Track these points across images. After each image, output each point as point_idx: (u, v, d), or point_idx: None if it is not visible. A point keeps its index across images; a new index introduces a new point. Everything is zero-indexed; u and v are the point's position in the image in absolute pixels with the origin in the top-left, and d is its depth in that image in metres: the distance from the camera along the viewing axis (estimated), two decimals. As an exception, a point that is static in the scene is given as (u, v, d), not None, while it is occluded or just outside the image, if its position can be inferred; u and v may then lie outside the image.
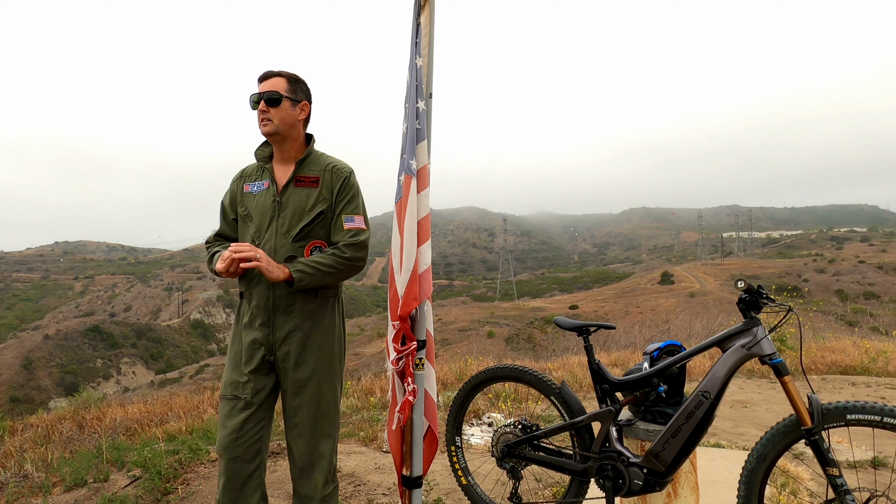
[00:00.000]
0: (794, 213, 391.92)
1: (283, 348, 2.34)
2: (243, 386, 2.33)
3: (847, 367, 8.60)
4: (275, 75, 2.39)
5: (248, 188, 2.44)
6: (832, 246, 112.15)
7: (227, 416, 2.32)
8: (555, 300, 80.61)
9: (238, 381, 2.34)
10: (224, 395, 2.37)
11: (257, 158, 2.47)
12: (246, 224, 2.42)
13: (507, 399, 5.74)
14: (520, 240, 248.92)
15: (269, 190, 2.39)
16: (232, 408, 2.32)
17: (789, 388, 2.09)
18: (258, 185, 2.42)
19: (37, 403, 38.19)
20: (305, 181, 2.38)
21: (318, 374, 2.37)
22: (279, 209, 2.36)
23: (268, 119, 2.33)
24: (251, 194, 2.42)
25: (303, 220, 2.34)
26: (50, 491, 3.67)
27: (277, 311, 2.33)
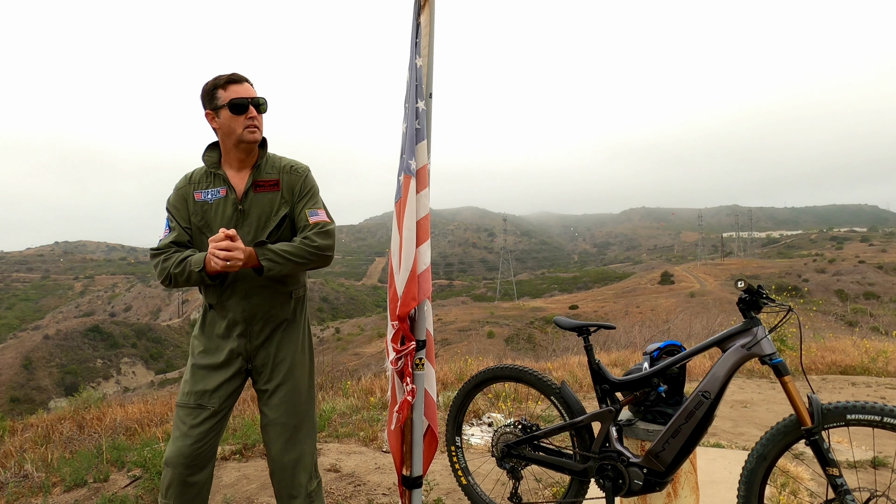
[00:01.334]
0: (794, 213, 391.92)
1: (262, 355, 2.32)
2: (210, 395, 2.27)
3: (847, 367, 8.60)
4: (246, 80, 2.27)
5: (199, 196, 2.28)
6: (832, 246, 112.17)
7: (191, 426, 2.23)
8: (555, 300, 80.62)
9: (206, 391, 2.27)
10: (186, 404, 2.27)
11: (207, 164, 2.32)
12: (204, 234, 2.27)
13: (507, 399, 5.74)
14: (520, 240, 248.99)
15: (228, 197, 2.27)
16: (195, 416, 2.25)
17: (789, 388, 2.09)
18: (213, 193, 2.27)
19: (37, 403, 38.20)
20: (265, 185, 2.29)
21: (295, 374, 2.36)
22: (242, 217, 2.26)
23: (256, 126, 2.24)
24: (206, 202, 2.27)
25: (269, 225, 2.28)
26: (50, 491, 3.67)
27: (254, 321, 2.29)
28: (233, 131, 2.21)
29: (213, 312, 2.32)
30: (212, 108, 2.23)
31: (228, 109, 2.20)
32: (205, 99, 2.25)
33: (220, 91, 2.22)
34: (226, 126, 2.22)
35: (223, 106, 2.20)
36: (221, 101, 2.21)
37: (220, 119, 2.23)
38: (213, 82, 2.24)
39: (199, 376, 2.29)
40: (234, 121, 2.20)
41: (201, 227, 2.28)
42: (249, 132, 2.22)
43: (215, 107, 2.22)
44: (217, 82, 2.23)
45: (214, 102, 2.22)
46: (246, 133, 2.22)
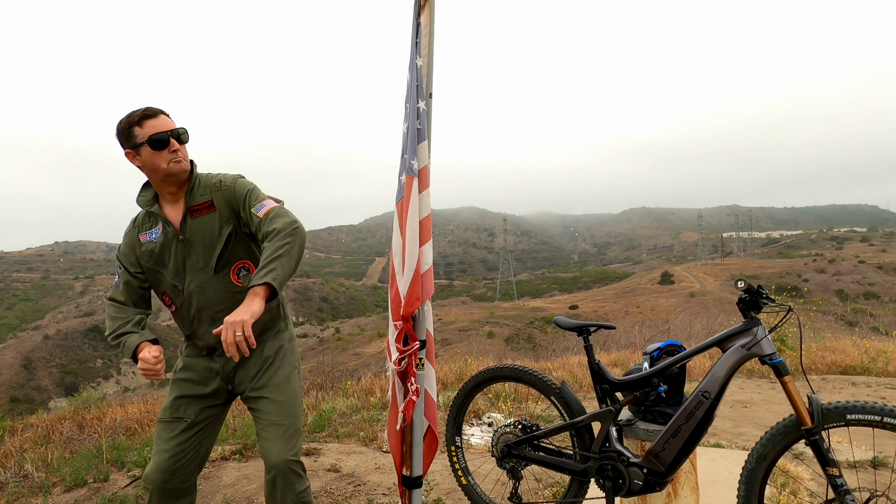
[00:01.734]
0: (793, 213, 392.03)
1: (240, 374, 2.29)
2: (186, 407, 2.26)
3: (847, 367, 8.60)
4: (161, 112, 2.19)
5: (144, 238, 2.25)
6: (832, 246, 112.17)
7: (168, 439, 2.22)
8: (555, 300, 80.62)
9: (181, 404, 2.27)
10: (163, 419, 2.27)
11: (142, 205, 2.26)
12: (157, 274, 2.26)
13: (507, 399, 5.74)
14: (520, 240, 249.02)
15: (167, 231, 2.23)
16: (172, 430, 2.23)
17: (789, 388, 2.09)
18: (154, 233, 2.24)
19: (37, 403, 38.21)
20: (201, 208, 2.22)
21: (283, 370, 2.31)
22: (187, 247, 2.22)
23: (180, 157, 2.17)
24: (149, 243, 2.24)
25: (216, 248, 2.21)
26: (50, 491, 3.67)
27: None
28: (157, 167, 2.15)
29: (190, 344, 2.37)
30: (130, 146, 2.14)
31: (149, 146, 2.12)
32: (122, 138, 2.16)
33: (136, 129, 2.12)
34: (149, 163, 2.15)
35: (142, 143, 2.13)
36: (140, 138, 2.12)
37: (141, 157, 2.15)
38: (128, 120, 2.14)
39: (177, 389, 2.30)
40: (157, 156, 2.13)
41: (150, 269, 2.28)
42: (175, 164, 2.15)
43: (134, 145, 2.13)
44: (131, 120, 2.13)
45: (133, 141, 2.13)
46: (172, 166, 2.15)
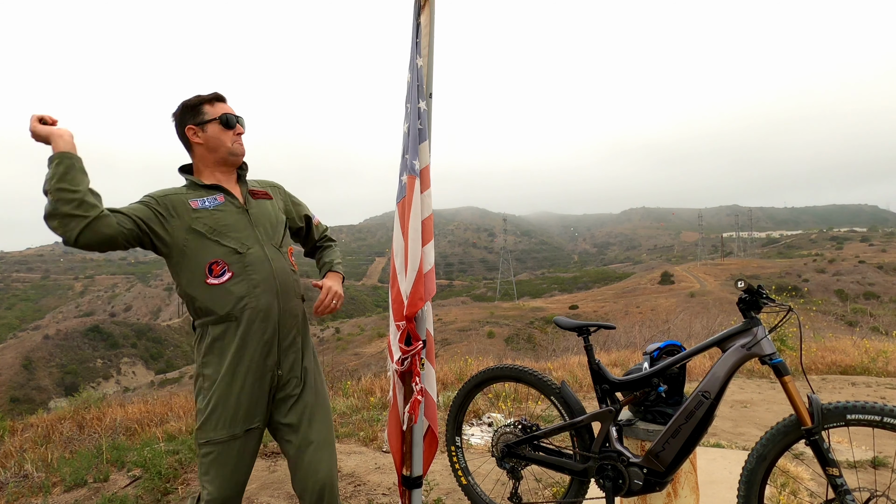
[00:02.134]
0: (793, 213, 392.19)
1: (290, 356, 2.24)
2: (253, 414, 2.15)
3: (847, 367, 8.60)
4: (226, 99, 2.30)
5: (196, 204, 2.17)
6: (832, 246, 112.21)
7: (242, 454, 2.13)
8: (555, 300, 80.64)
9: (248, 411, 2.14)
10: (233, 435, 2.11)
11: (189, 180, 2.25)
12: (207, 243, 2.14)
13: (507, 399, 5.74)
14: (520, 240, 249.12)
15: (229, 202, 2.22)
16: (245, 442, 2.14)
17: (789, 388, 2.09)
18: (211, 200, 2.20)
19: (37, 403, 38.20)
20: (259, 194, 2.35)
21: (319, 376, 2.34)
22: (253, 219, 2.25)
23: (242, 141, 2.29)
24: (204, 210, 2.17)
25: (278, 229, 2.32)
26: (50, 491, 3.67)
27: (284, 319, 2.21)
28: (221, 144, 2.21)
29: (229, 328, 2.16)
30: (196, 122, 2.20)
31: (220, 124, 2.20)
32: (187, 114, 2.21)
33: (206, 106, 2.22)
34: (214, 140, 2.20)
35: (212, 120, 2.20)
36: (209, 115, 2.20)
37: (206, 133, 2.20)
38: (199, 98, 2.24)
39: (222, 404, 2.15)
40: (224, 135, 2.22)
41: (207, 231, 2.16)
42: (238, 145, 2.26)
43: (201, 121, 2.20)
44: (202, 98, 2.23)
45: (200, 117, 2.20)
46: (236, 146, 2.25)
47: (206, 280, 2.11)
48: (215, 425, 2.11)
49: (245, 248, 2.17)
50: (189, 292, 2.13)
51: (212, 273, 2.12)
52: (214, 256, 2.13)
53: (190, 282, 2.12)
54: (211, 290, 2.11)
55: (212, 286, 2.12)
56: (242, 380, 2.13)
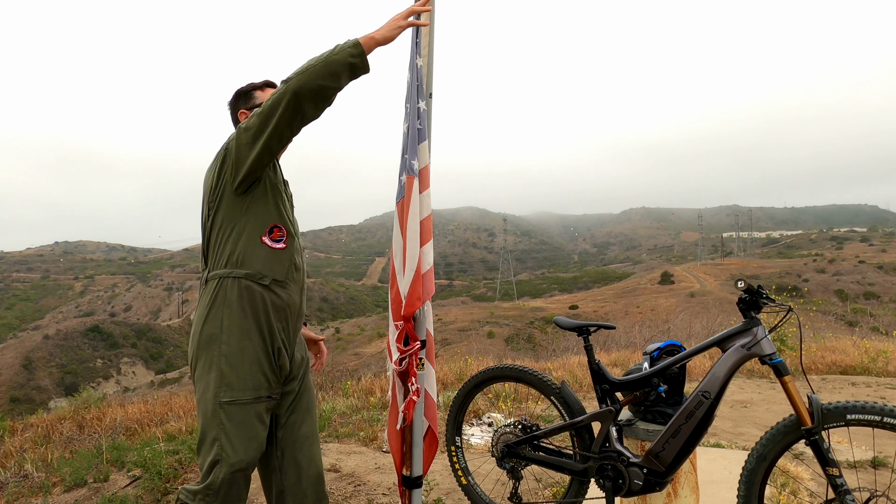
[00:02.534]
0: (793, 213, 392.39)
1: (298, 354, 2.28)
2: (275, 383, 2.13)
3: (847, 367, 8.60)
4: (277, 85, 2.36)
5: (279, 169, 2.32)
6: (832, 246, 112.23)
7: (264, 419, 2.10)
8: (555, 300, 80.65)
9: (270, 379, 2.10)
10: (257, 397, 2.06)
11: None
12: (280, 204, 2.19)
13: (507, 399, 5.75)
14: (520, 240, 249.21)
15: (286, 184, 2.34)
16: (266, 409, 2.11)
17: (789, 388, 2.09)
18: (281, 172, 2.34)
19: (37, 403, 38.20)
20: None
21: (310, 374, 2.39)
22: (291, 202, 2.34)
23: None
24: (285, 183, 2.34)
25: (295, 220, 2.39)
26: (50, 491, 3.67)
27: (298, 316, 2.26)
28: None
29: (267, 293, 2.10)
30: (248, 107, 2.32)
31: None
32: (241, 99, 2.33)
33: (257, 92, 2.32)
34: None
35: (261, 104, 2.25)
36: (260, 100, 2.29)
37: None
38: (251, 85, 2.34)
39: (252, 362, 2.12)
40: None
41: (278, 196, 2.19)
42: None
43: (253, 105, 2.30)
44: (254, 85, 2.34)
45: (252, 102, 2.31)
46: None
47: (261, 237, 2.11)
48: (238, 385, 2.03)
49: (295, 233, 2.25)
50: (238, 242, 2.09)
51: (271, 234, 2.12)
52: (280, 221, 2.16)
53: (247, 230, 2.09)
54: (263, 249, 2.10)
55: (265, 246, 2.11)
56: (269, 346, 2.10)
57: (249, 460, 2.04)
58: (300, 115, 2.00)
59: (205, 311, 2.09)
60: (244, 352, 2.06)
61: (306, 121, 2.03)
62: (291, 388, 2.25)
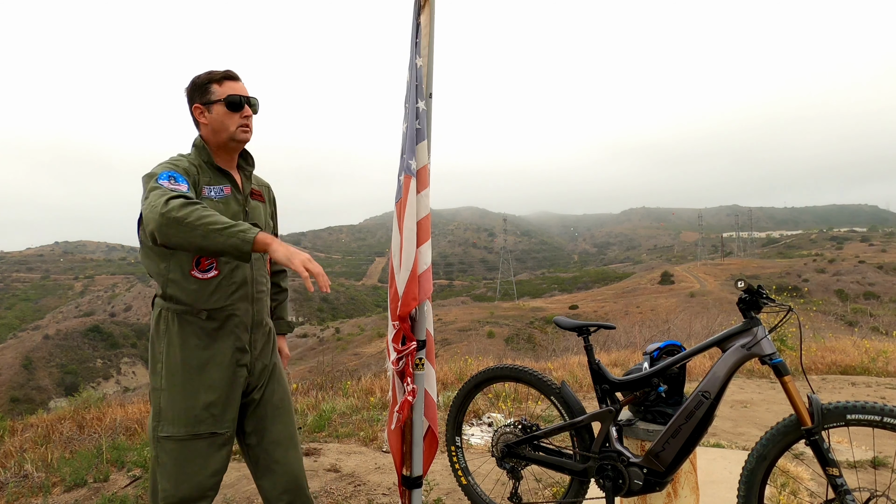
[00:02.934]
0: (793, 213, 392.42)
1: (259, 364, 2.20)
2: (221, 418, 2.05)
3: (847, 367, 8.60)
4: (240, 78, 2.17)
5: (204, 192, 2.08)
6: (832, 246, 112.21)
7: (207, 456, 2.03)
8: (555, 300, 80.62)
9: (215, 414, 2.04)
10: (196, 434, 2.01)
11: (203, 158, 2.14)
12: None
13: (507, 399, 5.74)
14: (520, 240, 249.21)
15: (233, 197, 2.14)
16: (210, 445, 2.04)
17: (789, 388, 2.09)
18: (217, 190, 2.11)
19: (37, 403, 38.20)
20: (256, 195, 2.27)
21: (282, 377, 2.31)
22: (247, 220, 2.15)
23: (248, 126, 2.15)
24: (211, 199, 2.08)
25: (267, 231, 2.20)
26: (50, 491, 3.67)
27: (256, 327, 2.18)
28: (225, 128, 2.11)
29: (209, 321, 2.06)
30: (203, 102, 2.11)
31: (225, 105, 2.09)
32: (196, 92, 2.12)
33: (214, 86, 2.11)
34: (217, 122, 2.10)
35: (217, 101, 2.09)
36: (216, 95, 2.10)
37: (210, 115, 2.10)
38: (208, 76, 2.12)
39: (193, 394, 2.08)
40: (229, 118, 2.10)
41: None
42: (242, 131, 2.13)
43: (208, 101, 2.10)
44: (212, 77, 2.12)
45: (207, 97, 2.10)
46: (239, 131, 2.12)
47: (191, 271, 2.03)
48: (174, 420, 2.01)
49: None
50: (170, 277, 2.03)
51: (199, 266, 2.04)
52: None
53: (175, 267, 2.02)
54: (193, 283, 2.04)
55: (195, 279, 2.03)
56: (210, 380, 2.04)
57: (182, 496, 2.00)
58: (157, 242, 1.81)
59: (153, 340, 2.08)
60: (183, 387, 2.02)
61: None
62: (252, 399, 2.19)
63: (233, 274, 2.08)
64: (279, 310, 2.51)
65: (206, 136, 2.15)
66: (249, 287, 2.13)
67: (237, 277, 2.09)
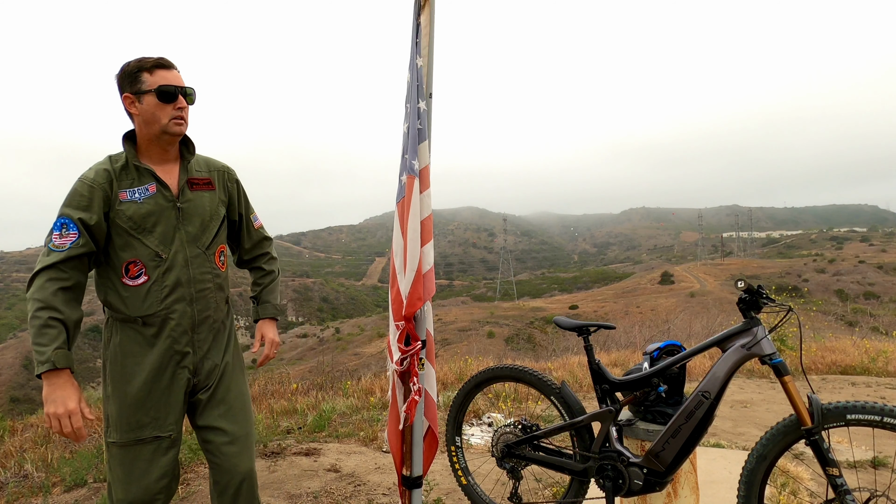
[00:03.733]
0: (793, 213, 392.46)
1: (207, 364, 2.16)
2: (163, 422, 2.05)
3: (847, 367, 8.60)
4: (174, 66, 2.06)
5: (125, 196, 2.01)
6: (832, 246, 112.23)
7: (152, 460, 2.03)
8: (555, 300, 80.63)
9: (156, 418, 2.04)
10: (139, 439, 2.02)
11: (128, 153, 2.07)
12: (129, 240, 2.02)
13: (507, 399, 5.75)
14: (520, 240, 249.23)
15: (159, 195, 2.06)
16: (156, 449, 2.04)
17: (789, 388, 2.09)
18: (140, 192, 2.04)
19: (37, 403, 38.17)
20: (200, 183, 2.17)
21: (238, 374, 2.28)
22: (182, 216, 2.09)
23: (183, 117, 2.06)
24: (132, 203, 2.01)
25: (210, 226, 2.17)
26: (50, 491, 3.67)
27: (199, 328, 2.13)
28: (156, 120, 2.01)
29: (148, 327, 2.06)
30: (133, 91, 2.00)
31: (155, 96, 1.99)
32: (125, 80, 2.01)
33: (145, 74, 1.99)
34: (148, 114, 2.00)
35: (148, 91, 1.99)
36: (147, 85, 1.99)
37: (141, 105, 2.00)
38: (138, 64, 2.00)
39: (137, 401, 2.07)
40: (160, 109, 2.00)
41: (132, 229, 2.02)
42: (176, 123, 2.04)
43: (138, 91, 1.99)
44: (142, 65, 2.00)
45: (137, 86, 1.99)
46: (172, 124, 2.03)
47: (121, 279, 2.02)
48: (118, 426, 2.03)
49: (166, 250, 2.05)
50: (103, 288, 2.05)
51: (128, 273, 2.02)
52: (134, 256, 2.02)
53: (106, 278, 2.04)
54: (125, 290, 2.03)
55: (127, 286, 2.02)
56: (150, 386, 2.04)
57: (131, 500, 2.01)
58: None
59: (102, 349, 2.11)
60: (125, 394, 2.03)
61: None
62: (198, 399, 2.17)
63: (164, 277, 2.05)
64: (265, 293, 2.45)
65: (139, 127, 2.06)
66: (186, 288, 2.09)
67: (169, 280, 2.05)
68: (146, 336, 2.05)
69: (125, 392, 2.04)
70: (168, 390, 2.07)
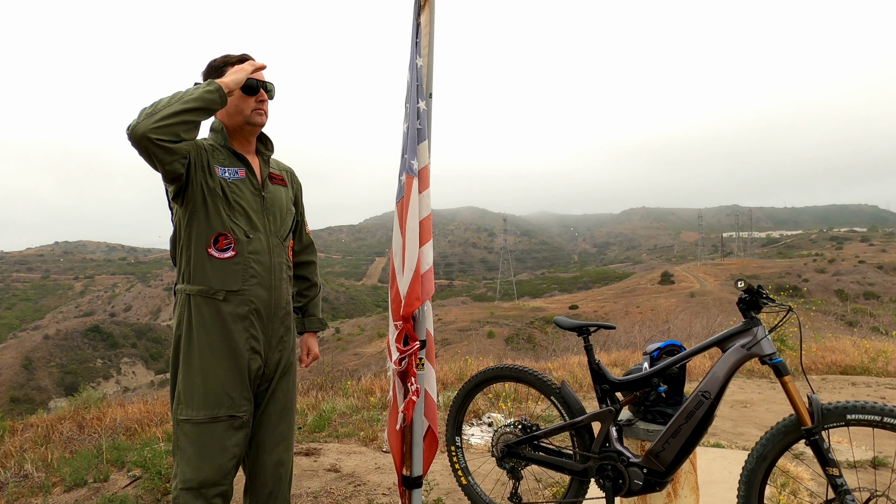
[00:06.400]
0: (793, 213, 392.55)
1: (274, 357, 2.21)
2: (238, 402, 2.08)
3: (847, 367, 8.60)
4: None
5: (218, 171, 2.10)
6: (832, 246, 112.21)
7: (225, 439, 2.04)
8: (555, 300, 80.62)
9: (233, 397, 2.06)
10: (215, 417, 2.03)
11: (219, 141, 2.16)
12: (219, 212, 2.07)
13: (507, 399, 5.74)
14: (520, 240, 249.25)
15: (248, 181, 2.15)
16: (229, 428, 2.06)
17: (789, 388, 2.09)
18: (231, 172, 2.12)
19: (37, 403, 38.18)
20: (277, 179, 2.29)
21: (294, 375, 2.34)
22: (265, 205, 2.19)
23: (264, 110, 2.18)
24: (225, 179, 2.10)
25: (286, 220, 2.28)
26: (50, 491, 3.67)
27: (273, 318, 2.19)
28: (240, 112, 2.13)
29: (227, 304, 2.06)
30: None
31: (240, 89, 2.09)
32: (212, 75, 2.12)
33: (231, 69, 2.11)
34: (233, 106, 2.12)
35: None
36: None
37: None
38: (224, 59, 2.14)
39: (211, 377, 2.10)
40: (244, 101, 2.12)
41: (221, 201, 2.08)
42: (258, 115, 2.16)
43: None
44: (228, 60, 2.13)
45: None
46: (254, 115, 2.15)
47: (208, 248, 2.06)
48: (193, 403, 2.03)
49: (252, 234, 2.12)
50: (186, 256, 2.07)
51: (216, 244, 2.06)
52: (224, 228, 2.07)
53: (193, 244, 2.05)
54: (210, 262, 2.06)
55: (212, 258, 2.06)
56: (228, 364, 2.06)
57: (202, 480, 2.01)
58: (152, 158, 1.86)
59: (174, 326, 2.12)
60: (202, 371, 2.05)
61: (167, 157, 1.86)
62: (261, 391, 2.21)
63: (250, 258, 2.10)
64: (311, 306, 2.52)
65: (222, 119, 2.18)
66: (268, 274, 2.15)
67: (253, 262, 2.11)
68: (223, 313, 2.06)
69: (200, 368, 2.04)
70: (244, 372, 2.10)
